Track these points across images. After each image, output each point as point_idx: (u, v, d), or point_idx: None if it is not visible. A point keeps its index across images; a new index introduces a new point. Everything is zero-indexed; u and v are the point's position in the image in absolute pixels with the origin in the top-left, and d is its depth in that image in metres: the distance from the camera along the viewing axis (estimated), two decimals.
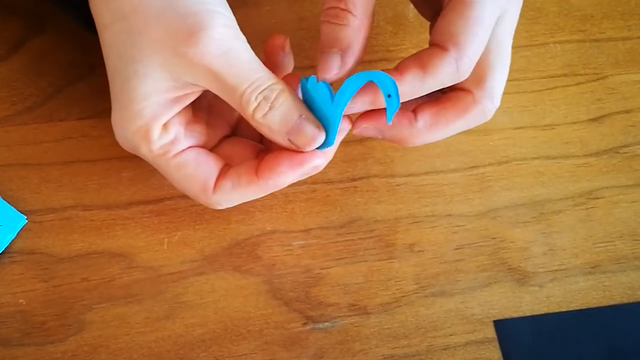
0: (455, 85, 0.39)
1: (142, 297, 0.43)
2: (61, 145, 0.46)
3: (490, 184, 0.48)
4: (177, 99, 0.37)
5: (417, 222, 0.46)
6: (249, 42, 0.38)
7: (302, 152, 0.38)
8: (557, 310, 0.45)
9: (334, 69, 0.38)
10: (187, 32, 0.35)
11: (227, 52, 0.36)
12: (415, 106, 0.41)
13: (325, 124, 0.38)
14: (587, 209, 0.48)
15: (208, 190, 0.39)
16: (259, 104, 0.36)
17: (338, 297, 0.44)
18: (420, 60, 0.37)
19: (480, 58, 0.38)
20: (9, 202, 0.43)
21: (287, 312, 0.43)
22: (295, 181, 0.39)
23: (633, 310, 0.45)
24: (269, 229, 0.45)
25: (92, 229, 0.44)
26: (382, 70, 0.37)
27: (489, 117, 0.41)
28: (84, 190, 0.45)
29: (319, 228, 0.46)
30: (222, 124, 0.42)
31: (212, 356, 0.42)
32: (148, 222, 0.45)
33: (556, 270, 0.46)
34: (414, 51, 0.39)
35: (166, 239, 0.44)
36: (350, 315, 0.44)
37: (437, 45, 0.37)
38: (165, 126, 0.38)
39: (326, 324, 0.43)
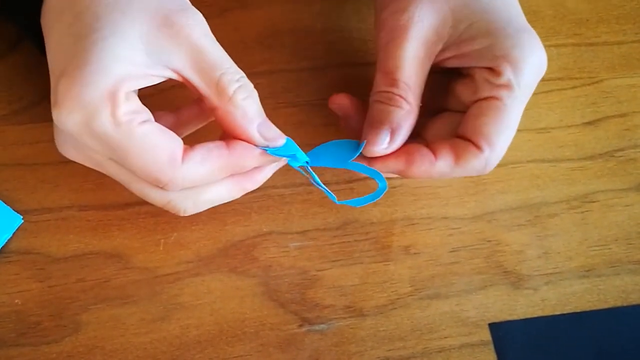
0: (464, 134, 0.41)
1: (137, 298, 0.43)
2: None
3: (486, 187, 0.48)
4: (144, 76, 0.35)
5: (412, 224, 0.47)
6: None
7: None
8: (551, 314, 0.45)
9: (383, 144, 0.40)
10: (179, 7, 0.36)
11: (209, 35, 0.37)
12: (432, 142, 0.42)
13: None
14: (582, 212, 0.48)
15: (176, 160, 0.35)
16: (240, 86, 0.36)
17: (334, 299, 0.44)
18: (456, 151, 0.40)
19: (497, 125, 0.40)
20: (4, 202, 0.43)
21: (283, 313, 0.43)
22: (259, 164, 0.38)
23: (627, 314, 0.45)
24: (265, 230, 0.45)
25: (88, 230, 0.44)
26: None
27: (488, 171, 0.42)
28: (80, 190, 0.45)
29: (315, 230, 0.46)
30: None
31: (208, 357, 0.42)
32: (144, 223, 0.45)
33: (551, 274, 0.46)
34: None
35: (162, 240, 0.44)
36: (345, 317, 0.44)
37: (470, 141, 0.40)
38: (127, 96, 0.34)
39: (322, 325, 0.43)
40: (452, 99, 0.43)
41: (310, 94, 0.49)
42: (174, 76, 0.36)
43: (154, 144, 0.35)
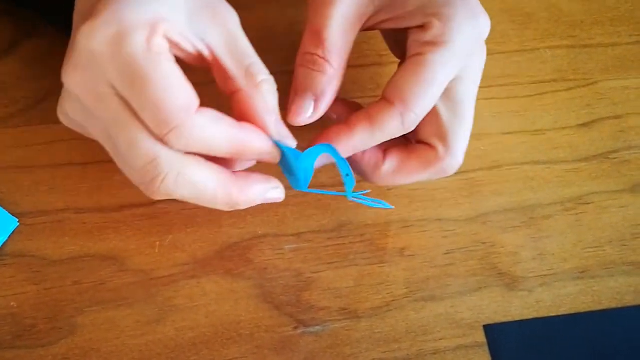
0: (421, 138, 0.41)
1: (133, 300, 0.43)
2: (53, 148, 0.46)
3: (481, 189, 0.48)
4: (181, 34, 0.35)
5: (407, 226, 0.47)
6: None
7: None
8: (546, 315, 0.45)
9: (307, 113, 0.40)
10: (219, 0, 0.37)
11: (242, 29, 0.37)
12: (387, 147, 0.42)
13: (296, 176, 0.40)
14: (576, 214, 0.48)
15: (191, 107, 0.33)
16: (267, 79, 0.37)
17: (329, 301, 0.44)
18: (369, 114, 0.39)
19: (442, 116, 0.40)
20: (0, 205, 0.43)
21: (278, 316, 0.43)
22: (263, 153, 0.37)
23: (621, 315, 0.46)
24: (260, 232, 0.45)
25: (83, 232, 0.44)
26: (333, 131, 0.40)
27: (450, 173, 0.42)
28: (76, 193, 0.45)
29: (310, 232, 0.46)
30: None
31: None
32: (140, 226, 0.45)
33: (545, 275, 0.46)
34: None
35: (158, 243, 0.44)
36: (340, 319, 0.44)
37: (386, 99, 0.39)
38: (164, 35, 0.33)
39: (317, 327, 0.43)
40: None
41: None
42: (205, 52, 0.36)
43: (176, 83, 0.33)
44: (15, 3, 0.47)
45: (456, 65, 0.39)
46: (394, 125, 0.39)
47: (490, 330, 0.44)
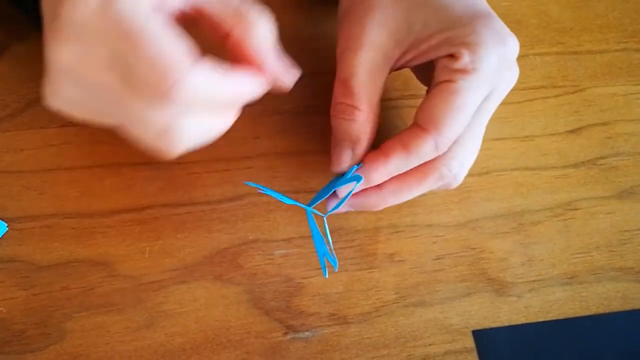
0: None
1: (122, 306, 0.43)
2: (42, 152, 0.46)
3: (470, 195, 0.48)
4: None
5: (397, 232, 0.47)
6: None
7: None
8: (534, 321, 0.45)
9: (347, 162, 0.42)
10: None
11: None
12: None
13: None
14: (565, 220, 0.49)
15: (187, 57, 0.32)
16: (257, 15, 0.35)
17: (318, 306, 0.44)
18: (403, 141, 0.40)
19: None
20: None
21: (268, 321, 0.43)
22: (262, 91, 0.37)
23: (609, 321, 0.46)
24: (250, 237, 0.45)
25: (72, 237, 0.44)
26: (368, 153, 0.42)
27: (446, 181, 0.42)
28: (65, 198, 0.45)
29: (300, 237, 0.46)
30: None
31: None
32: (129, 231, 0.45)
33: (534, 281, 0.46)
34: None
35: (147, 248, 0.44)
36: (330, 325, 0.44)
37: (419, 125, 0.40)
38: None
39: (306, 333, 0.43)
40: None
41: (295, 102, 0.49)
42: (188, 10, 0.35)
43: (171, 37, 0.32)
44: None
45: (486, 89, 0.40)
46: (428, 150, 0.40)
47: (479, 336, 0.44)
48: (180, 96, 0.32)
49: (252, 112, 0.39)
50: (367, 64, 0.41)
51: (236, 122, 0.43)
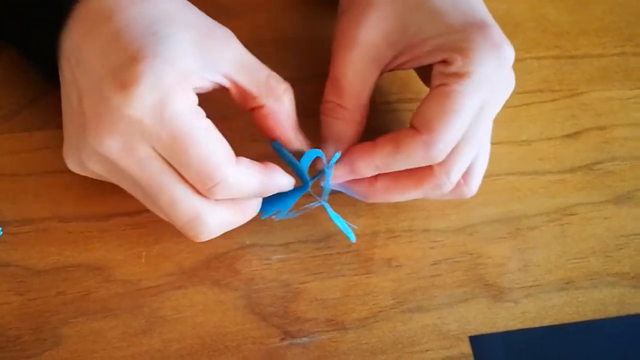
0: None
1: (119, 311, 0.42)
2: (38, 155, 0.45)
3: (467, 200, 0.48)
4: (200, 78, 0.37)
5: (394, 237, 0.47)
6: None
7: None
8: (531, 326, 0.45)
9: (333, 160, 0.42)
10: (214, 23, 0.39)
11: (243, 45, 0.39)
12: None
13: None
14: (561, 225, 0.49)
15: (232, 159, 0.36)
16: (287, 88, 0.40)
17: (316, 312, 0.44)
18: (394, 138, 0.40)
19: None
20: None
21: (265, 327, 0.43)
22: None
23: (605, 327, 0.46)
24: (248, 242, 0.45)
25: (68, 242, 0.44)
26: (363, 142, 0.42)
27: (444, 191, 0.42)
28: (61, 201, 0.44)
29: (298, 242, 0.46)
30: None
31: None
32: (126, 235, 0.44)
33: (531, 287, 0.47)
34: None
35: (144, 252, 0.44)
36: (327, 331, 0.44)
37: (414, 127, 0.40)
38: (193, 90, 0.36)
39: (304, 339, 0.43)
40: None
41: None
42: (224, 81, 0.38)
43: (216, 138, 0.36)
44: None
45: (481, 94, 0.39)
46: (418, 151, 0.39)
47: (476, 342, 0.44)
48: (222, 192, 0.36)
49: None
50: (357, 63, 0.42)
51: (234, 124, 0.44)
